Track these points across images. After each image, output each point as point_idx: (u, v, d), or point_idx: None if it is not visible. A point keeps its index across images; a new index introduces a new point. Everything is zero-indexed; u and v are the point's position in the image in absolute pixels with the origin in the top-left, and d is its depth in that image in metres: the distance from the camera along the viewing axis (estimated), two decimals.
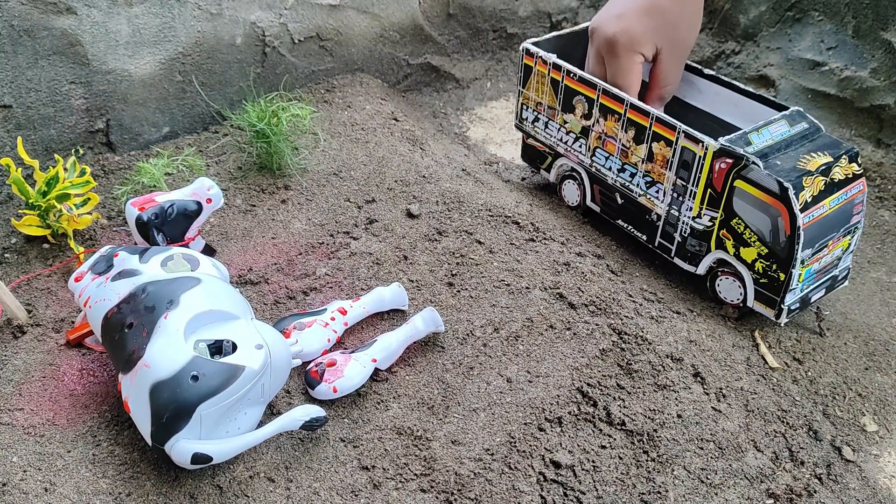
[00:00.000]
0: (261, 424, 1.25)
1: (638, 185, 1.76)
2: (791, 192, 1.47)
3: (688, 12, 1.62)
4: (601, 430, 1.38)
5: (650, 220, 1.77)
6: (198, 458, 1.16)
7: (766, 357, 1.60)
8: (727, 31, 2.65)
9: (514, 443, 1.33)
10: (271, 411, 1.34)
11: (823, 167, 1.53)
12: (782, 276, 1.54)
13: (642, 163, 1.73)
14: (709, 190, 1.60)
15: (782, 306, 1.57)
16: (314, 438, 1.32)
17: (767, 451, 1.41)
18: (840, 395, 1.55)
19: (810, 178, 1.50)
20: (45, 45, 1.83)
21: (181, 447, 1.15)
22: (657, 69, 1.68)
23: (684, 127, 1.61)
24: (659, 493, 1.31)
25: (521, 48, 1.93)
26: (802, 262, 1.52)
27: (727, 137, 1.56)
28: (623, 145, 1.76)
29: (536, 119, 1.99)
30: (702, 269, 1.70)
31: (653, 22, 1.62)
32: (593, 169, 1.87)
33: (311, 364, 1.40)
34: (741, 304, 1.66)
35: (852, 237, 1.62)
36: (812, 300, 1.63)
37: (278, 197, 1.87)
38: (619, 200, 1.84)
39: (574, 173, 1.95)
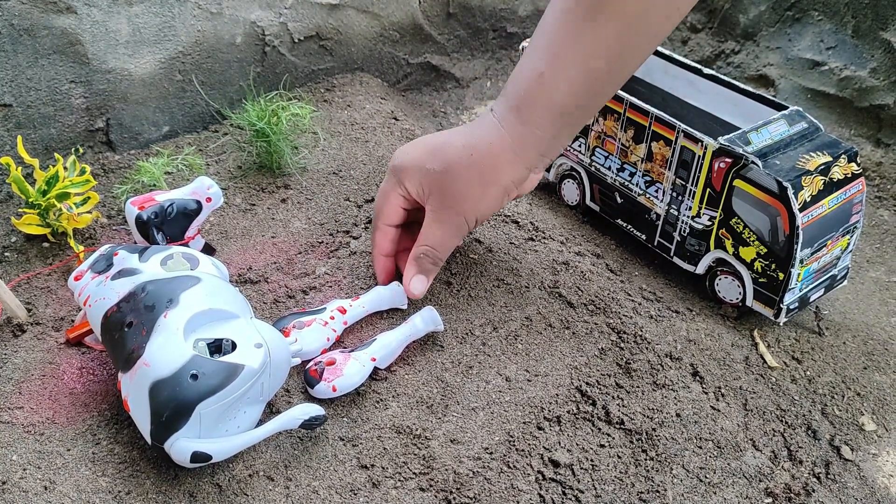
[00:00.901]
0: (260, 423, 1.26)
1: (637, 184, 1.76)
2: (790, 192, 1.47)
3: (480, 180, 1.32)
4: (600, 428, 1.38)
5: (649, 220, 1.77)
6: (197, 457, 1.16)
7: (765, 356, 1.60)
8: (727, 31, 2.65)
9: (513, 442, 1.33)
10: (270, 410, 1.35)
11: (822, 167, 1.53)
12: (781, 276, 1.54)
13: (641, 162, 1.73)
14: (708, 189, 1.61)
15: (781, 305, 1.57)
16: (313, 437, 1.32)
17: (766, 450, 1.41)
18: (839, 395, 1.55)
19: (809, 177, 1.51)
20: (45, 44, 1.83)
21: (181, 446, 1.15)
22: (423, 222, 1.40)
23: (684, 126, 1.61)
24: (657, 491, 1.31)
25: (520, 47, 1.93)
26: (801, 262, 1.52)
27: (726, 137, 1.56)
28: (622, 144, 1.76)
29: None
30: (701, 269, 1.70)
31: (431, 160, 1.35)
32: (592, 168, 1.87)
33: (311, 363, 1.40)
34: (740, 304, 1.66)
35: (851, 237, 1.62)
36: (811, 299, 1.63)
37: (278, 196, 1.88)
38: (619, 200, 1.84)
39: (573, 172, 1.95)
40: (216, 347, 1.23)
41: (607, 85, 1.34)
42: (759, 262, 1.57)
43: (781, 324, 1.65)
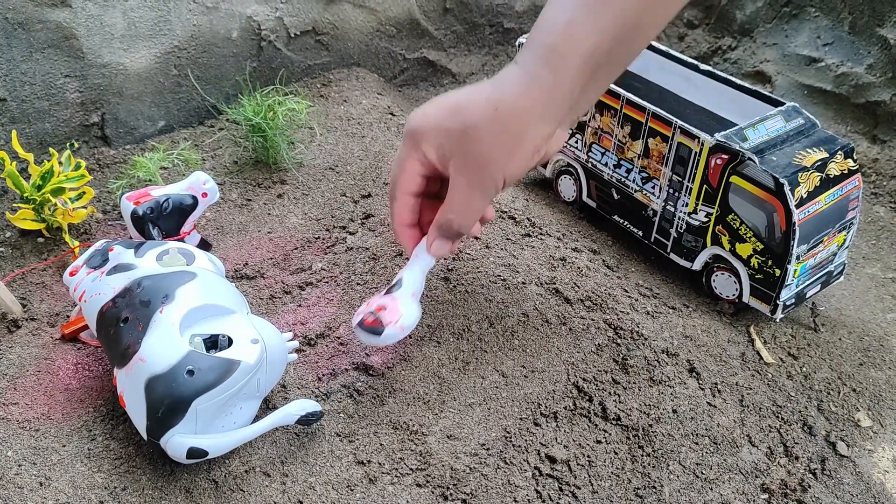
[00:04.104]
0: (256, 419, 1.25)
1: (634, 180, 1.76)
2: (786, 188, 1.47)
3: (507, 138, 1.21)
4: (596, 424, 1.38)
5: (646, 216, 1.77)
6: (193, 453, 1.16)
7: (762, 352, 1.60)
8: (723, 27, 2.65)
9: (510, 437, 1.33)
10: (267, 406, 1.34)
11: (819, 163, 1.53)
12: (778, 272, 1.54)
13: (638, 158, 1.73)
14: (704, 186, 1.61)
15: (778, 302, 1.57)
16: (309, 433, 1.32)
17: (762, 445, 1.41)
18: (834, 391, 1.55)
19: (806, 173, 1.51)
20: (39, 39, 1.82)
21: (177, 441, 1.15)
22: (448, 188, 1.30)
23: (680, 122, 1.61)
24: (654, 487, 1.31)
25: (517, 43, 1.93)
26: (798, 258, 1.52)
27: (723, 133, 1.56)
28: (619, 141, 1.76)
29: None
30: (697, 265, 1.70)
31: (451, 120, 1.24)
32: (589, 165, 1.87)
33: (359, 317, 1.32)
34: (737, 300, 1.66)
35: (848, 233, 1.62)
36: (807, 296, 1.64)
37: (274, 191, 1.87)
38: (615, 196, 1.84)
39: (570, 169, 1.95)
40: (212, 343, 1.23)
41: (639, 33, 1.26)
42: (756, 258, 1.57)
43: (778, 320, 1.65)
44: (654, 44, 1.91)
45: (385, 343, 1.30)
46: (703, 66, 1.83)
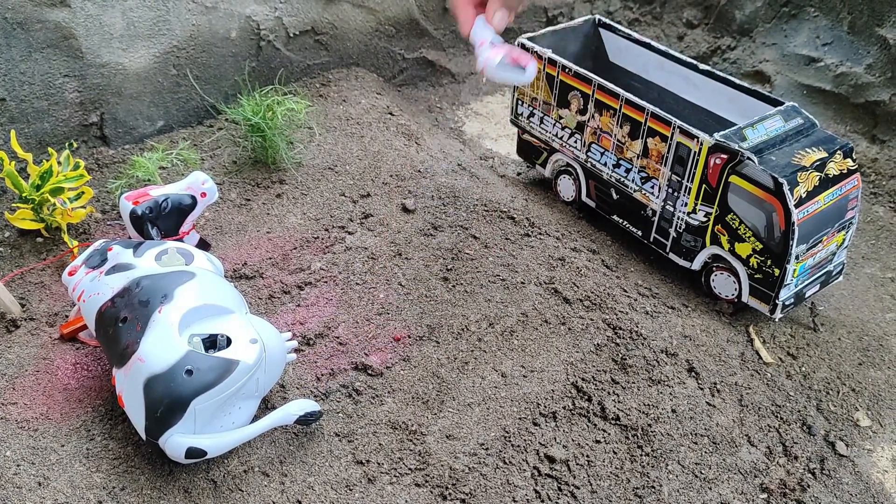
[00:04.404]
0: (255, 419, 1.25)
1: (633, 180, 1.76)
2: (786, 188, 1.47)
3: None
4: (595, 424, 1.38)
5: (645, 216, 1.77)
6: (192, 453, 1.16)
7: (761, 352, 1.60)
8: (723, 27, 2.65)
9: (509, 437, 1.33)
10: (266, 406, 1.34)
11: (818, 163, 1.53)
12: (777, 272, 1.54)
13: (637, 158, 1.73)
14: (704, 185, 1.61)
15: (777, 301, 1.57)
16: (308, 433, 1.32)
17: (761, 445, 1.41)
18: (834, 391, 1.55)
19: (805, 173, 1.51)
20: (38, 38, 1.82)
21: (175, 441, 1.15)
22: None
23: (679, 122, 1.61)
24: (653, 487, 1.31)
25: (516, 43, 1.93)
26: (797, 258, 1.52)
27: (722, 133, 1.56)
28: (618, 141, 1.76)
29: (532, 114, 1.99)
30: (697, 265, 1.70)
31: None
32: (588, 164, 1.87)
33: (496, 59, 1.28)
34: (736, 300, 1.66)
35: (847, 232, 1.62)
36: (807, 295, 1.64)
37: (273, 191, 1.87)
38: (615, 196, 1.84)
39: (569, 168, 1.95)
40: (211, 343, 1.22)
41: None
42: (755, 258, 1.57)
43: (777, 320, 1.65)
44: (654, 44, 1.91)
45: (527, 80, 1.29)
46: (703, 66, 1.83)
